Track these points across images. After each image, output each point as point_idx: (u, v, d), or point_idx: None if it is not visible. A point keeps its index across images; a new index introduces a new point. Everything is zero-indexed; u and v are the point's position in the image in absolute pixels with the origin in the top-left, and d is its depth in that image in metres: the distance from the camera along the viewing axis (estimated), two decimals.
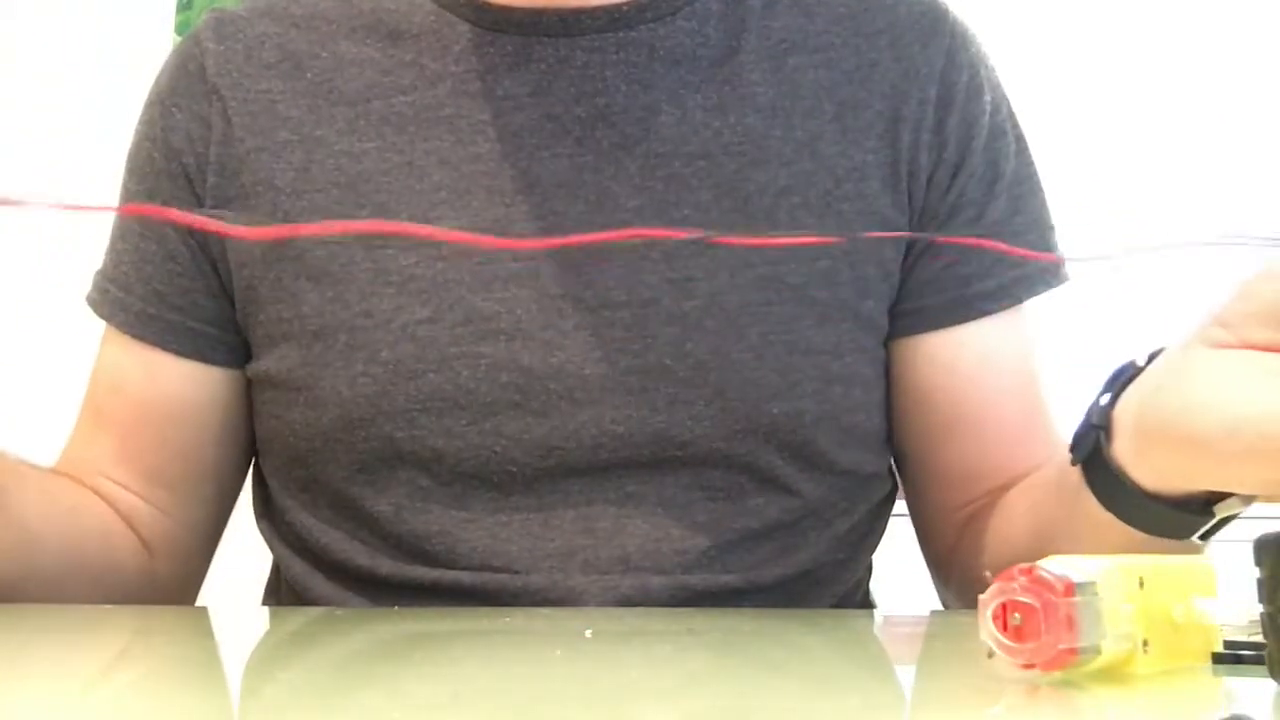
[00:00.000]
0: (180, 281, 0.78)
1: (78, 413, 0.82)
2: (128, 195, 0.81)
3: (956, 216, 0.78)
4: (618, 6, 0.77)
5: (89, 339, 0.83)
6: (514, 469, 0.72)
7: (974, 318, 0.78)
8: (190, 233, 0.78)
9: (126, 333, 0.79)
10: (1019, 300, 0.79)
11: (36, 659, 0.53)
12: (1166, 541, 0.60)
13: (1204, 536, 0.59)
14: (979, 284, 0.78)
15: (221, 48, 0.79)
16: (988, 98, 0.80)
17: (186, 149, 0.78)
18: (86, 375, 0.82)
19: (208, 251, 0.78)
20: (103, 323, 0.81)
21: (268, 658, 0.57)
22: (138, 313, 0.78)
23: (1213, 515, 0.58)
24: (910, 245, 0.78)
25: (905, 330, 0.78)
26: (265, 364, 0.76)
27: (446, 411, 0.72)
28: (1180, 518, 0.58)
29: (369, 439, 0.73)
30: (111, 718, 0.41)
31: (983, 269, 0.78)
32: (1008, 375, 0.79)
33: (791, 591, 0.75)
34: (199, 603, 0.85)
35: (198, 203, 0.78)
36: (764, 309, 0.73)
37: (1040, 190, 0.82)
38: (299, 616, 0.71)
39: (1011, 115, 0.82)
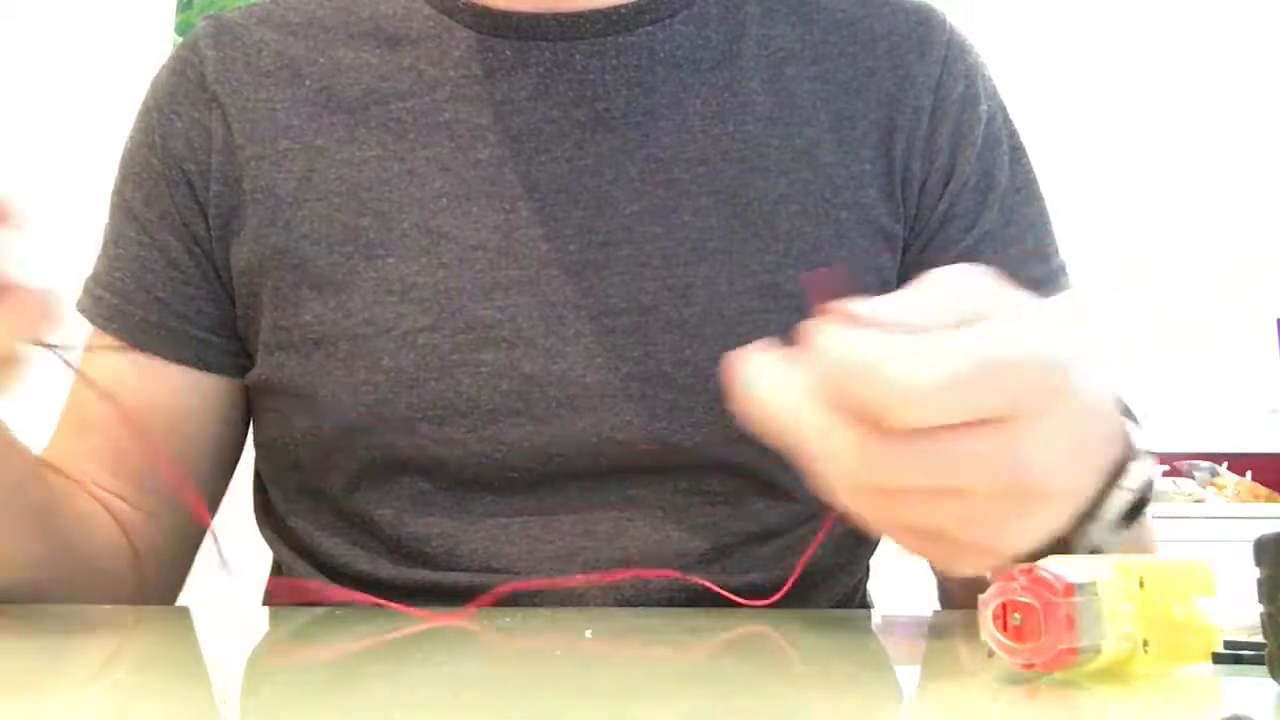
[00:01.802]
0: (183, 289, 0.78)
1: (58, 420, 0.80)
2: (124, 202, 0.80)
3: (949, 225, 0.78)
4: (616, 9, 0.77)
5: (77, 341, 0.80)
6: (515, 474, 0.72)
7: None
8: (193, 238, 0.78)
9: (125, 341, 0.78)
10: None
11: (28, 659, 0.53)
12: None
13: None
14: None
15: (220, 55, 0.79)
16: (983, 108, 0.80)
17: (187, 155, 0.78)
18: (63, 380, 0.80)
19: (211, 258, 0.78)
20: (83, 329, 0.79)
21: (267, 657, 0.57)
22: (138, 321, 0.78)
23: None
24: (904, 254, 0.78)
25: None
26: (265, 371, 0.76)
27: (448, 419, 0.72)
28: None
29: (370, 447, 0.73)
30: (112, 718, 0.41)
31: None
32: None
33: (791, 594, 0.75)
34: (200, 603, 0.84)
35: (200, 209, 0.78)
36: (763, 316, 0.73)
37: (1038, 199, 0.81)
38: (299, 616, 0.71)
39: (1008, 124, 0.82)
